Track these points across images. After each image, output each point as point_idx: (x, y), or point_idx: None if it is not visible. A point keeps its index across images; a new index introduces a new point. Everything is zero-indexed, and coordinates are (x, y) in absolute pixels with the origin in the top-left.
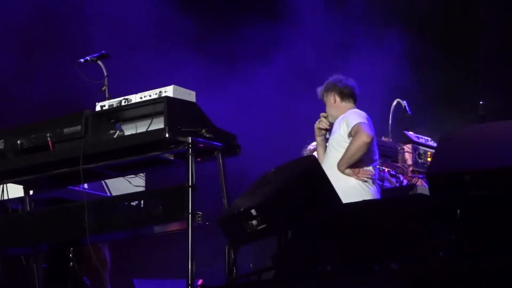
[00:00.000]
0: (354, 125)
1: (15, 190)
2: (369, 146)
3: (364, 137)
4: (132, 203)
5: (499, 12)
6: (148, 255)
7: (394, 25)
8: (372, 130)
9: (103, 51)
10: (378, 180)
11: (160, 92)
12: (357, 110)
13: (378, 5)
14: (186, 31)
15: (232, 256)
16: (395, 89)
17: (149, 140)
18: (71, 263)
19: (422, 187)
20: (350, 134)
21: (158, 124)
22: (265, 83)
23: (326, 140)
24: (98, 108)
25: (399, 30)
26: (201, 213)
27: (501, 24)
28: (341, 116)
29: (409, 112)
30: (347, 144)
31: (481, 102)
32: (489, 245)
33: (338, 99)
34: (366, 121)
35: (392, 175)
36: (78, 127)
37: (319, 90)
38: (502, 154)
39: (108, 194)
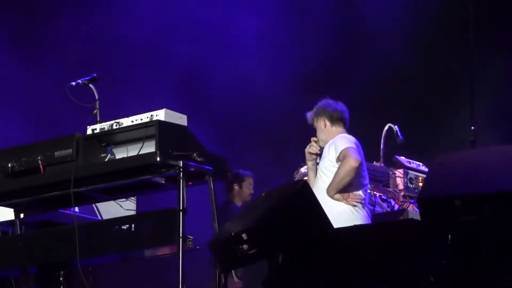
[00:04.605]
0: (342, 150)
1: (5, 213)
2: (358, 170)
3: (352, 162)
4: (122, 227)
5: None
6: (138, 279)
7: None
8: (360, 154)
9: (94, 74)
10: (369, 204)
11: (151, 115)
12: (345, 134)
13: None
14: None
15: (223, 280)
16: None
17: (140, 163)
18: (62, 286)
19: (413, 212)
20: (338, 159)
21: (149, 147)
22: None
23: (317, 164)
24: (89, 132)
25: None
26: (192, 237)
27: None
28: (330, 141)
29: (400, 137)
30: (335, 169)
31: (472, 128)
32: (479, 270)
33: (328, 123)
34: (354, 146)
35: (383, 200)
36: (70, 150)
37: (309, 115)
38: (492, 179)
39: (99, 217)
